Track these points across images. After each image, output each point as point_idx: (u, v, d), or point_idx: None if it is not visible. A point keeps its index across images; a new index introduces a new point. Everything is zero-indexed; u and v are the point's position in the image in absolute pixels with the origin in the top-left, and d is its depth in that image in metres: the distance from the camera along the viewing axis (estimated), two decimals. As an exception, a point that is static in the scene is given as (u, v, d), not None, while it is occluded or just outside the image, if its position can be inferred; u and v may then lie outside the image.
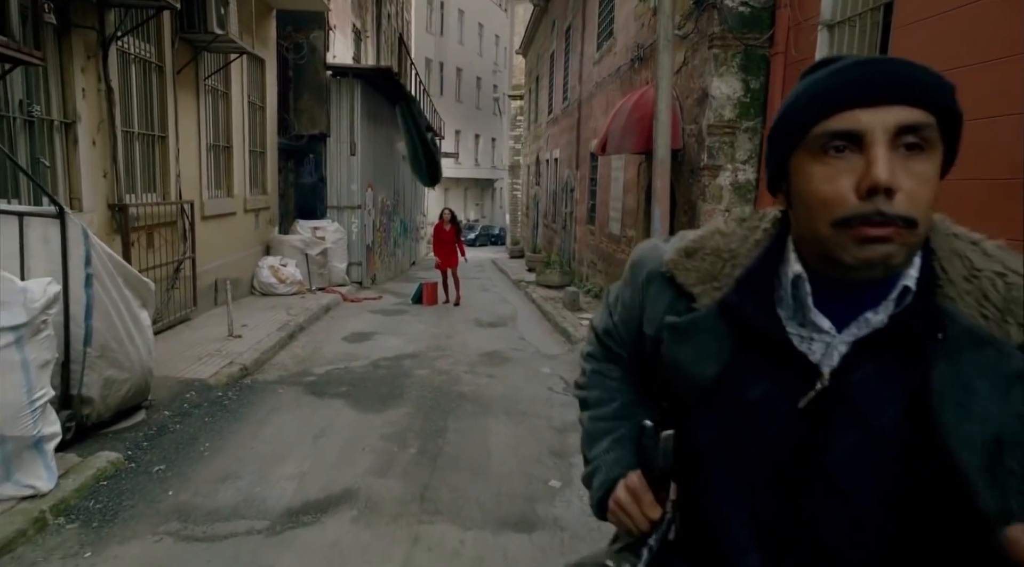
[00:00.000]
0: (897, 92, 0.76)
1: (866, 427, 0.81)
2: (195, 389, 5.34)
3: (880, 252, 0.76)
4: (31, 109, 5.11)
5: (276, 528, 3.26)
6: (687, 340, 0.92)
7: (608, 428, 1.06)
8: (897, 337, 0.81)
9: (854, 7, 5.26)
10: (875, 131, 0.75)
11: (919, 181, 0.76)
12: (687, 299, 0.93)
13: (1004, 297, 0.80)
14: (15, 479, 3.22)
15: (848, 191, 0.77)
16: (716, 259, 0.92)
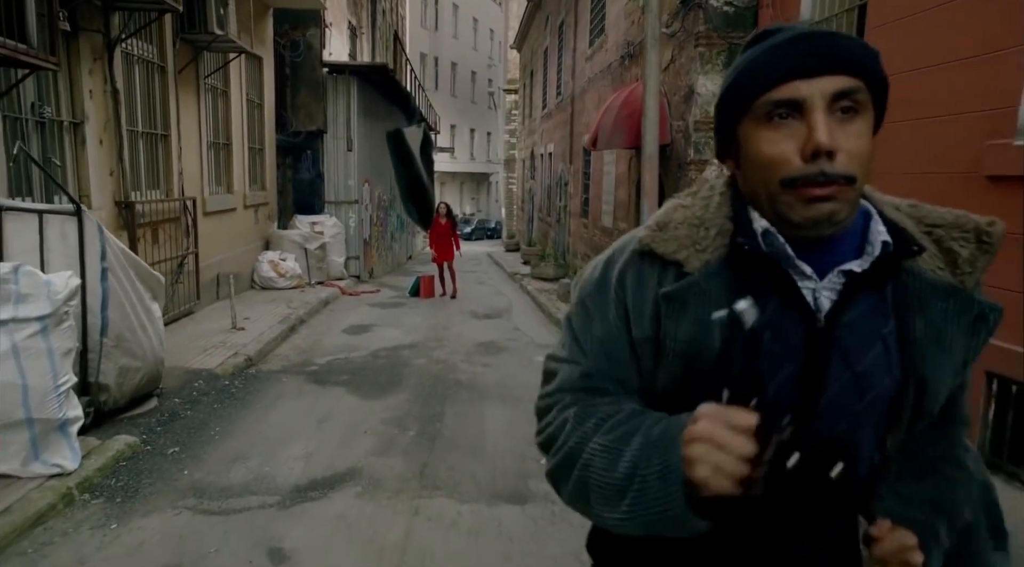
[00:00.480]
0: (831, 63, 0.82)
1: (852, 369, 0.88)
2: (203, 378, 5.57)
3: (825, 210, 0.83)
4: (42, 111, 5.32)
5: (286, 503, 3.51)
6: (683, 310, 0.90)
7: (630, 429, 0.90)
8: (874, 283, 0.89)
9: (831, 8, 5.49)
10: (814, 99, 0.82)
11: (856, 141, 0.83)
12: (675, 267, 0.93)
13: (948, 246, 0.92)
14: (43, 459, 3.46)
15: (793, 154, 0.83)
16: (690, 227, 0.94)
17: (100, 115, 6.18)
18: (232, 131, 9.83)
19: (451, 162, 35.95)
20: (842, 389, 0.88)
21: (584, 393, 0.97)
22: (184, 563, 2.91)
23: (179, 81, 7.90)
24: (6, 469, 3.37)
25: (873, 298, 0.90)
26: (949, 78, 4.05)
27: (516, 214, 27.53)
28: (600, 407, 0.95)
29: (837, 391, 0.88)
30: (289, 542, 3.11)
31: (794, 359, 0.88)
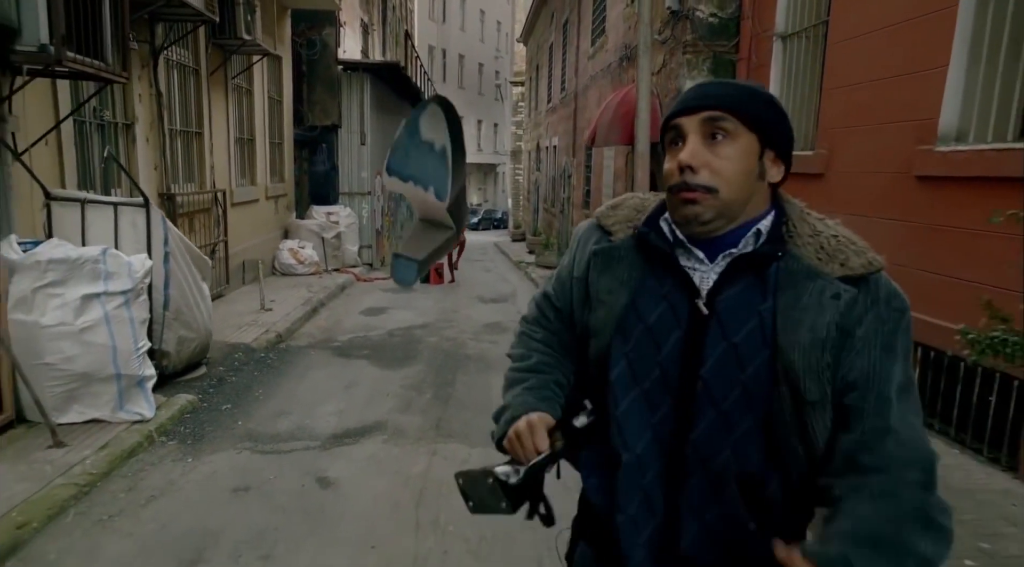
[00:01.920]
0: (701, 102, 1.07)
1: (728, 340, 1.05)
2: (241, 351, 6.31)
3: (690, 212, 1.06)
4: (102, 114, 6.04)
5: (326, 446, 4.24)
6: (608, 267, 1.16)
7: (522, 378, 1.25)
8: (752, 266, 1.07)
9: (802, 22, 6.15)
10: (688, 128, 1.07)
11: (721, 160, 1.05)
12: (608, 235, 1.20)
13: (833, 248, 1.08)
14: (127, 408, 4.20)
15: (675, 169, 1.07)
16: (632, 210, 1.21)
17: (147, 116, 6.89)
18: (255, 127, 10.54)
19: (458, 153, 36.54)
20: (721, 358, 1.05)
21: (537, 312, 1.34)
22: (251, 485, 3.64)
23: (211, 82, 8.60)
24: (98, 415, 4.11)
25: (753, 279, 1.07)
26: (890, 90, 4.72)
27: (522, 205, 28.14)
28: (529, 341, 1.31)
29: (716, 360, 1.05)
30: (332, 473, 3.84)
31: (680, 328, 1.08)
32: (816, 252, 1.07)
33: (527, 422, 1.14)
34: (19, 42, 3.88)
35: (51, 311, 3.91)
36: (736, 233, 1.09)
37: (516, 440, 1.14)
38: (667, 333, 1.09)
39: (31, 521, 2.99)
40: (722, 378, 1.05)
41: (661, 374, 1.08)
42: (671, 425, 1.08)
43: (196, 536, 3.09)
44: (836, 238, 1.09)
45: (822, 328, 1.02)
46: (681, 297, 1.09)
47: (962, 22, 4.04)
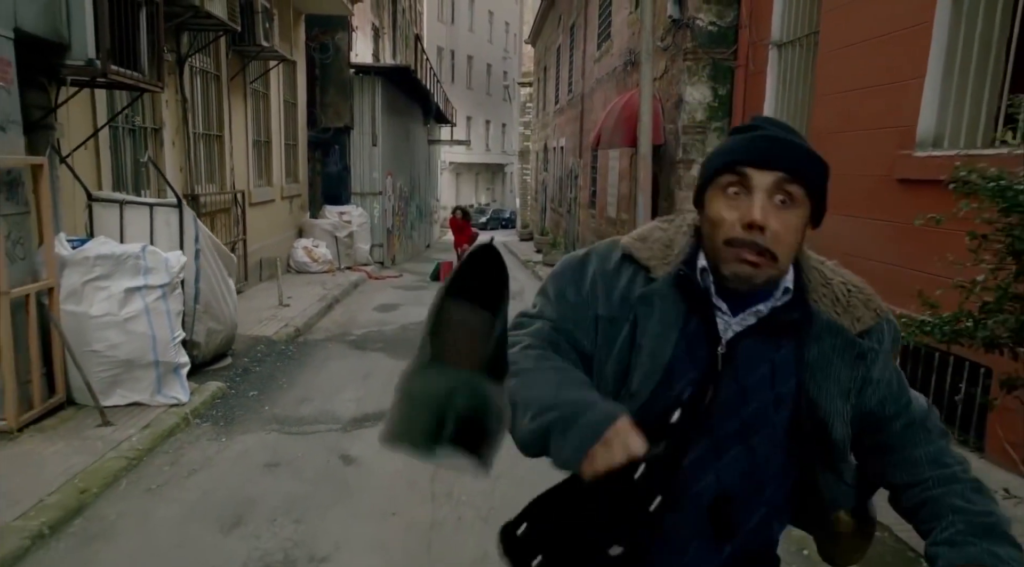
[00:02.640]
0: (777, 162, 1.03)
1: (738, 383, 1.09)
2: (263, 343, 6.67)
3: (747, 271, 1.03)
4: (133, 120, 6.41)
5: (347, 428, 4.59)
6: (652, 310, 1.12)
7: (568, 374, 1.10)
8: (774, 323, 1.10)
9: (796, 32, 6.46)
10: (759, 184, 1.03)
11: (784, 226, 1.02)
12: (645, 272, 1.15)
13: (846, 300, 1.11)
14: (164, 392, 4.56)
15: (736, 221, 1.03)
16: (661, 245, 1.17)
17: (173, 121, 7.27)
18: (272, 130, 10.93)
19: (467, 153, 36.89)
20: (730, 396, 1.09)
21: (547, 342, 1.14)
22: (280, 462, 4.00)
23: (230, 88, 8.98)
24: (139, 398, 4.47)
25: (770, 331, 1.11)
26: (875, 98, 5.03)
27: (530, 204, 28.47)
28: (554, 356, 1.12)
29: (726, 397, 1.09)
30: (354, 451, 4.19)
31: (696, 369, 1.10)
32: (833, 304, 1.12)
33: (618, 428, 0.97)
34: (69, 57, 4.24)
35: (98, 303, 4.28)
36: (764, 290, 1.10)
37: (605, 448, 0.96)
38: (682, 372, 1.10)
39: (91, 488, 3.35)
40: (725, 412, 1.10)
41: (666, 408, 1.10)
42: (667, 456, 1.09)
43: (235, 503, 3.45)
44: (846, 287, 1.14)
45: (848, 381, 1.10)
46: (702, 341, 1.11)
47: (937, 37, 4.35)
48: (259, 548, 3.02)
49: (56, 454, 3.69)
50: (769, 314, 1.10)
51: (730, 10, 7.41)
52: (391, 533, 3.20)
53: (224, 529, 3.19)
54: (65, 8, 4.11)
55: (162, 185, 7.06)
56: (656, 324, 1.11)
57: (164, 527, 3.19)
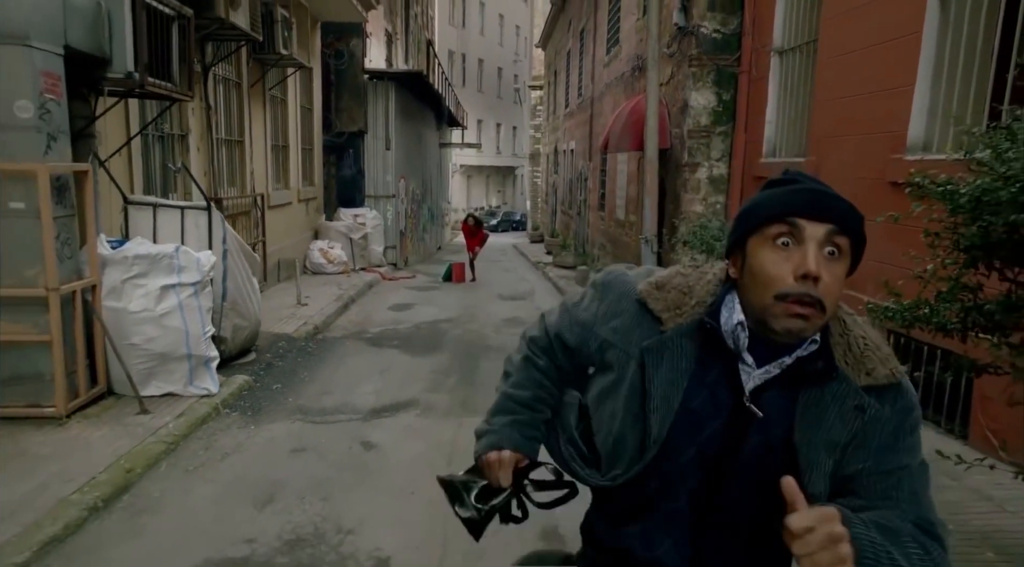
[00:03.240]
0: (831, 215, 1.05)
1: (766, 434, 1.10)
2: (284, 340, 6.97)
3: (799, 325, 1.03)
4: (162, 127, 6.73)
5: (367, 418, 4.86)
6: (661, 360, 1.14)
7: (513, 408, 1.31)
8: (798, 373, 1.10)
9: (796, 39, 6.69)
10: (812, 237, 1.04)
11: (833, 278, 1.04)
12: (655, 322, 1.16)
13: (860, 353, 1.11)
14: (195, 384, 4.85)
15: (788, 274, 1.03)
16: (679, 293, 1.17)
17: (198, 127, 7.59)
18: (289, 134, 11.25)
19: (478, 156, 37.18)
20: (757, 447, 1.11)
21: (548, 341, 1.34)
22: (306, 447, 4.28)
23: (251, 94, 9.30)
24: (172, 389, 4.77)
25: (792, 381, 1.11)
26: (870, 104, 5.26)
27: (540, 207, 28.72)
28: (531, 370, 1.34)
29: (752, 449, 1.11)
30: (374, 438, 4.46)
31: (720, 417, 1.11)
32: (844, 354, 1.11)
33: (499, 456, 1.27)
34: (110, 70, 4.54)
35: (136, 299, 4.58)
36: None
37: (487, 466, 1.28)
38: (707, 420, 1.12)
39: (135, 468, 3.65)
40: (753, 461, 1.11)
41: (697, 453, 1.13)
42: (703, 492, 1.15)
43: (266, 483, 3.73)
44: (864, 340, 1.13)
45: (840, 434, 1.08)
46: (726, 390, 1.12)
47: (926, 46, 4.59)
48: (291, 522, 3.30)
49: (102, 438, 3.98)
50: (794, 363, 1.10)
51: (734, 18, 7.66)
52: (411, 510, 3.47)
53: (258, 506, 3.47)
54: (107, 25, 4.42)
55: (188, 188, 7.39)
56: (666, 372, 1.14)
57: (203, 503, 3.48)
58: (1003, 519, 3.25)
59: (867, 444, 1.08)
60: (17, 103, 3.81)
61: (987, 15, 4.19)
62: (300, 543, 3.10)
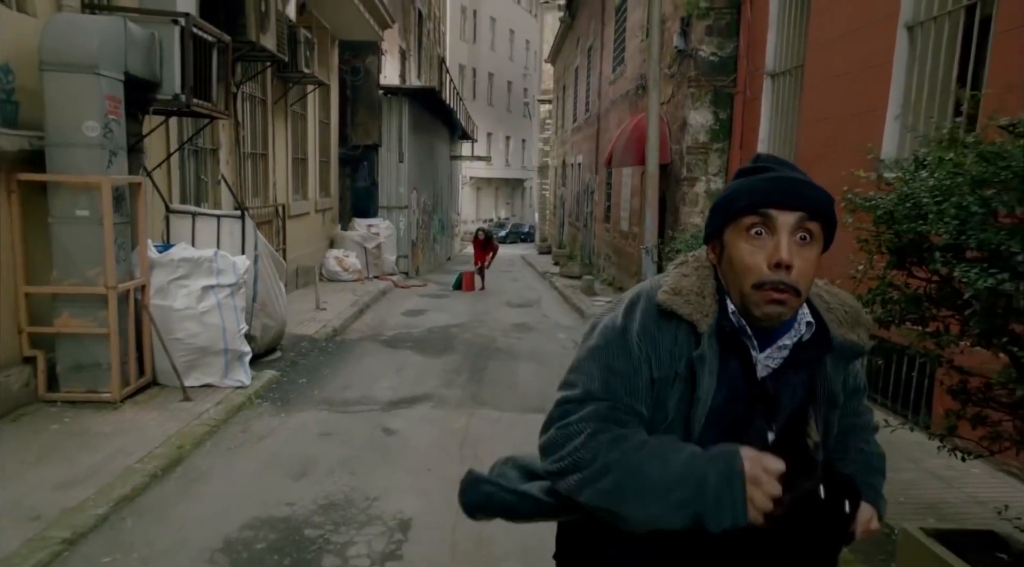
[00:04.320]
0: (800, 203, 1.11)
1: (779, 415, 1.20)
2: (306, 341, 7.46)
3: (777, 310, 1.12)
4: (196, 142, 7.26)
5: (386, 408, 5.33)
6: (704, 364, 1.16)
7: (674, 447, 1.13)
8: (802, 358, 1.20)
9: (786, 63, 7.17)
10: (783, 224, 1.10)
11: (805, 263, 1.11)
12: (689, 327, 1.18)
13: (850, 318, 1.25)
14: (231, 376, 5.34)
15: (763, 263, 1.11)
16: (696, 295, 1.20)
17: (227, 142, 8.13)
18: (307, 148, 11.81)
19: (487, 168, 37.77)
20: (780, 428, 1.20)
21: (611, 422, 1.16)
22: (333, 432, 4.75)
23: (274, 110, 9.86)
24: (210, 381, 5.26)
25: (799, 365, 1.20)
26: (849, 126, 5.72)
27: (549, 219, 29.22)
28: (632, 435, 1.14)
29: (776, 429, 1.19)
30: (393, 426, 4.93)
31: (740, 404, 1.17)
32: (840, 323, 1.23)
33: (751, 459, 1.08)
34: (160, 92, 5.07)
35: (180, 298, 5.08)
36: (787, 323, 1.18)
37: (754, 484, 1.06)
38: (728, 410, 1.17)
39: (184, 445, 4.13)
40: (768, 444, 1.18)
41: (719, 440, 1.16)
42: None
43: (300, 461, 4.20)
44: (844, 308, 1.26)
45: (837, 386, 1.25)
46: (742, 380, 1.18)
47: (896, 75, 5.06)
48: (323, 491, 3.77)
49: (153, 420, 4.47)
50: (795, 348, 1.19)
51: (730, 42, 8.16)
52: (428, 483, 3.93)
53: (293, 478, 3.94)
54: (159, 53, 4.95)
55: (218, 198, 7.92)
56: (707, 377, 1.16)
57: (246, 476, 3.95)
58: (950, 494, 3.68)
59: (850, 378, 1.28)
60: (86, 123, 4.33)
61: (946, 49, 4.66)
62: (333, 507, 3.57)
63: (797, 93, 6.94)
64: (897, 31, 5.04)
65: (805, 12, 6.63)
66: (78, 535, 3.01)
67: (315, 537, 3.24)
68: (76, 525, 3.05)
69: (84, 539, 3.04)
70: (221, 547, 3.11)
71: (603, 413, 1.17)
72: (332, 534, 3.28)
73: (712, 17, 8.13)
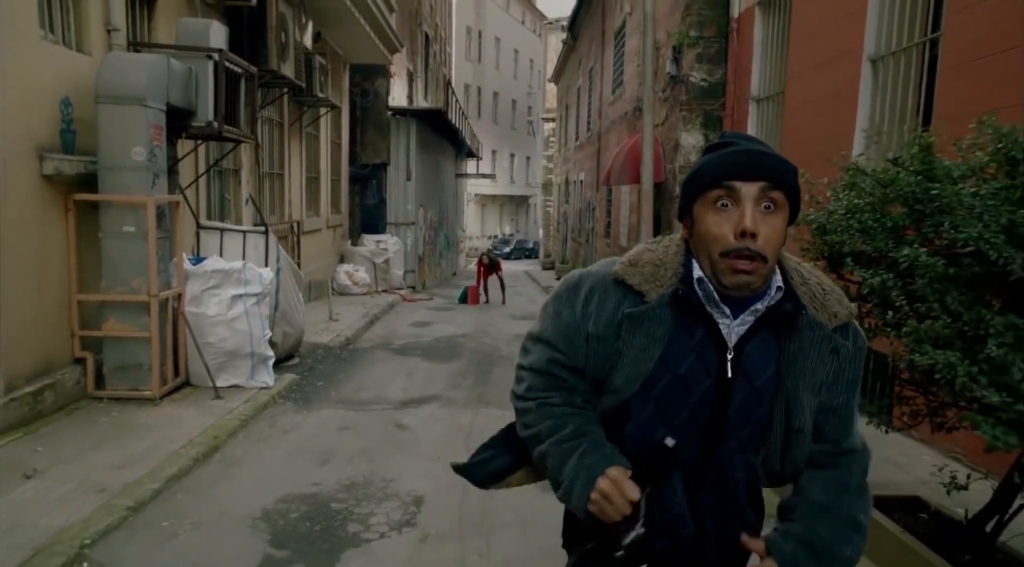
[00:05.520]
0: (762, 173, 1.16)
1: (751, 384, 1.23)
2: (322, 348, 7.96)
3: (744, 279, 1.17)
4: (221, 163, 7.81)
5: (398, 407, 5.82)
6: (639, 327, 1.23)
7: (572, 447, 1.27)
8: (774, 317, 1.23)
9: (769, 89, 7.70)
10: (747, 195, 1.15)
11: (771, 230, 1.16)
12: (637, 296, 1.25)
13: (823, 298, 1.26)
14: (256, 378, 5.84)
15: (729, 233, 1.16)
16: (653, 267, 1.27)
17: (248, 162, 8.68)
18: (320, 167, 12.39)
19: (492, 186, 38.39)
20: (745, 399, 1.23)
21: (546, 378, 1.34)
22: (351, 426, 5.23)
23: (289, 132, 10.43)
24: (237, 381, 5.75)
25: (770, 331, 1.23)
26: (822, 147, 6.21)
27: (553, 235, 29.78)
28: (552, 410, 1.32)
29: (741, 400, 1.23)
30: (405, 421, 5.41)
31: (711, 375, 1.22)
32: (812, 300, 1.24)
33: (609, 479, 1.19)
34: (194, 120, 5.61)
35: (212, 306, 5.59)
36: (760, 291, 1.22)
37: (604, 500, 1.19)
38: (698, 381, 1.22)
39: (220, 436, 4.62)
40: (743, 414, 1.22)
41: (690, 414, 1.23)
42: (695, 452, 1.25)
43: (322, 450, 4.68)
44: (821, 286, 1.27)
45: (822, 375, 1.23)
46: (711, 349, 1.22)
47: (862, 103, 5.57)
48: (345, 474, 4.25)
49: (189, 415, 4.97)
50: (766, 311, 1.22)
51: (719, 69, 8.70)
52: (438, 468, 4.39)
53: (318, 464, 4.42)
54: (195, 85, 5.49)
55: (239, 214, 8.47)
56: (640, 339, 1.23)
57: (276, 462, 4.44)
58: (899, 475, 4.13)
59: (841, 379, 1.25)
60: (134, 149, 4.86)
61: (903, 81, 5.17)
62: (355, 486, 4.05)
63: (779, 117, 7.46)
64: (862, 63, 5.56)
65: (785, 43, 7.16)
66: (139, 504, 3.50)
67: (340, 510, 3.72)
68: (136, 496, 3.54)
69: (144, 508, 3.54)
70: (260, 516, 3.59)
71: (543, 364, 1.34)
72: (355, 507, 3.76)
73: (702, 45, 8.68)
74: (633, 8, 12.12)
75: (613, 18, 14.87)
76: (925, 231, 2.25)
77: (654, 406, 1.25)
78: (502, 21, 40.31)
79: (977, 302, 2.03)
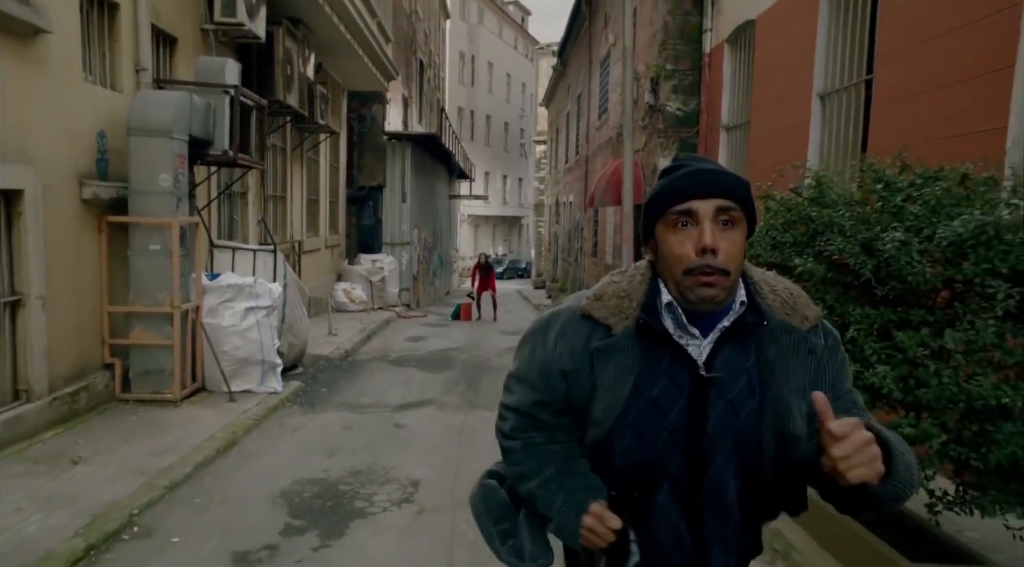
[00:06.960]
0: (716, 190, 1.20)
1: (725, 398, 1.24)
2: (323, 359, 8.50)
3: (709, 293, 1.19)
4: (230, 187, 8.40)
5: (396, 410, 6.36)
6: (610, 359, 1.25)
7: (558, 487, 1.31)
8: (738, 331, 1.25)
9: (737, 119, 8.37)
10: (704, 213, 1.19)
11: (730, 245, 1.19)
12: (604, 329, 1.28)
13: (792, 303, 1.29)
14: (265, 384, 6.37)
15: (690, 251, 1.19)
16: (618, 299, 1.29)
17: (254, 186, 9.28)
18: (319, 189, 12.99)
19: (485, 207, 39.06)
20: (722, 413, 1.24)
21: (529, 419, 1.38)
22: (353, 426, 5.77)
23: (291, 157, 11.05)
24: (249, 387, 6.29)
25: (739, 342, 1.26)
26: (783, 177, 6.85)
27: (544, 255, 30.43)
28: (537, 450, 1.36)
29: (719, 415, 1.24)
30: (403, 422, 5.96)
31: (683, 396, 1.24)
32: (783, 306, 1.28)
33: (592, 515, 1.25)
34: (212, 149, 6.21)
35: (227, 317, 6.14)
36: (726, 306, 1.25)
37: (590, 533, 1.26)
38: (671, 402, 1.24)
39: (236, 432, 5.15)
40: (722, 428, 1.24)
41: (668, 436, 1.25)
42: (685, 474, 1.26)
43: (329, 445, 5.22)
44: (790, 291, 1.31)
45: (804, 377, 1.26)
46: (680, 370, 1.25)
47: (813, 135, 6.21)
48: (350, 464, 4.79)
49: (208, 415, 5.50)
50: (733, 326, 1.24)
51: (693, 99, 9.38)
52: (433, 459, 4.95)
53: (326, 455, 4.96)
54: (213, 117, 6.10)
55: (246, 234, 9.04)
56: (613, 369, 1.26)
57: (288, 454, 4.97)
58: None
59: (823, 378, 1.27)
60: (160, 176, 5.45)
61: (846, 116, 5.82)
62: (359, 473, 4.59)
63: (745, 144, 8.11)
64: (812, 99, 6.21)
65: (750, 78, 7.84)
66: (174, 484, 4.04)
67: (347, 491, 4.27)
68: (171, 478, 4.08)
69: (178, 487, 4.08)
70: (279, 495, 4.13)
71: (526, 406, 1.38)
72: (360, 489, 4.30)
73: (677, 78, 9.36)
74: (616, 39, 12.85)
75: (599, 47, 15.63)
76: (817, 246, 2.83)
77: (632, 432, 1.26)
78: (495, 46, 41.25)
79: (846, 299, 2.61)
